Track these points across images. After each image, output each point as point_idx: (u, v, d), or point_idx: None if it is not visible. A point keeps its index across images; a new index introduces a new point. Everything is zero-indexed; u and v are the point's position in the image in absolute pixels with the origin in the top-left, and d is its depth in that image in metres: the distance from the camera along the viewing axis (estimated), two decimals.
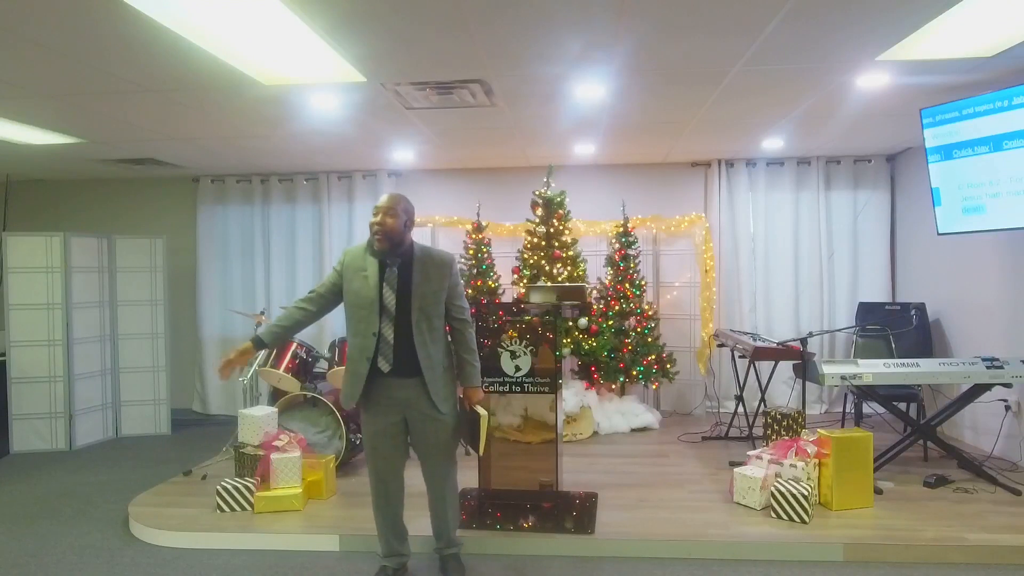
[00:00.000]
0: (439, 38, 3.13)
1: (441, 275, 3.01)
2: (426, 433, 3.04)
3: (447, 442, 3.08)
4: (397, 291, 2.94)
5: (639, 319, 5.98)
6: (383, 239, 2.93)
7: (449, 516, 3.19)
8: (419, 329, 2.93)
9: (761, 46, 3.28)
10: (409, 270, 2.97)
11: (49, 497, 4.51)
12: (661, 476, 4.55)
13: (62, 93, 3.87)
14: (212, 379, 6.93)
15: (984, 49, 3.41)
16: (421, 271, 2.98)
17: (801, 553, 3.40)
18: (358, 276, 2.99)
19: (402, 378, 2.96)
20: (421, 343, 2.94)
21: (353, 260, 3.04)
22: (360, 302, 2.96)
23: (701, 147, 5.87)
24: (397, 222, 2.94)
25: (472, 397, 3.08)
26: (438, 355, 3.00)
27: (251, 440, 4.23)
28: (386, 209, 2.95)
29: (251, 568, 3.40)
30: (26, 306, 5.69)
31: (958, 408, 4.38)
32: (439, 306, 3.01)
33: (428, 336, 2.96)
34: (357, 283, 2.98)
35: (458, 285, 3.10)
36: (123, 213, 7.10)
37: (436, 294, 2.99)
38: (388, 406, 3.00)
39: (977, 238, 4.86)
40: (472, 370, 3.09)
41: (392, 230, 2.93)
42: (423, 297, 2.95)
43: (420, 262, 3.00)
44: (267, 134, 5.04)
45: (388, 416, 3.01)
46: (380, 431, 3.04)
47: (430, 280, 2.98)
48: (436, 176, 6.70)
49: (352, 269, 3.02)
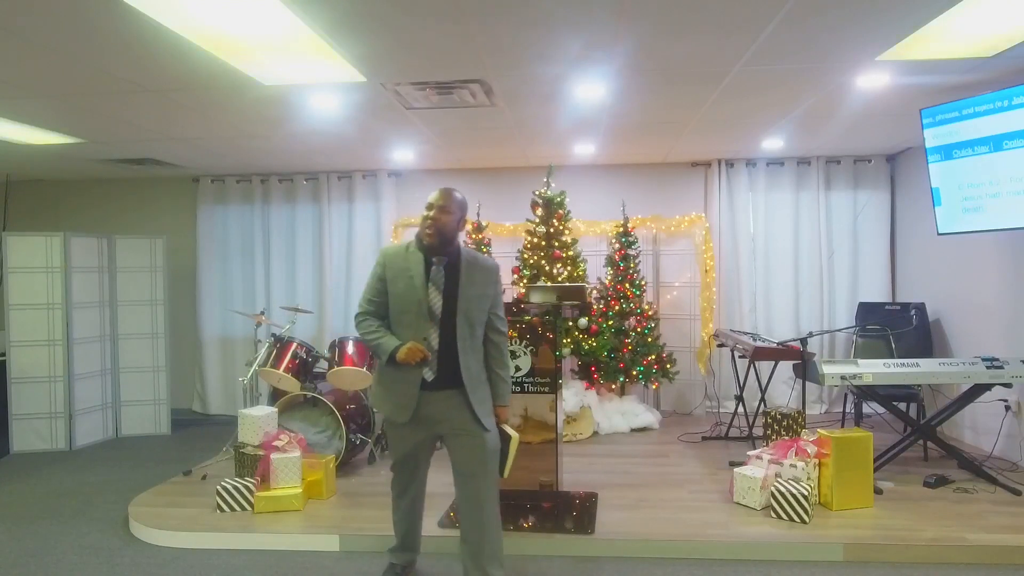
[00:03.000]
0: (439, 38, 3.13)
1: (487, 280, 2.85)
2: (471, 450, 2.78)
3: (493, 461, 2.83)
4: (444, 293, 2.76)
5: (639, 319, 5.98)
6: (434, 235, 2.75)
7: (488, 545, 2.80)
8: (462, 336, 2.76)
9: (761, 46, 3.28)
10: (456, 272, 2.79)
11: (49, 497, 4.51)
12: (661, 476, 4.55)
13: (62, 93, 3.87)
14: (212, 379, 6.94)
15: (984, 49, 3.41)
16: (468, 274, 2.80)
17: (801, 553, 3.40)
18: (402, 277, 2.79)
19: (437, 390, 2.76)
20: (463, 351, 2.76)
21: (394, 260, 2.83)
22: (406, 305, 2.77)
23: (701, 147, 5.87)
24: (452, 219, 2.76)
25: (503, 416, 2.92)
26: (477, 366, 2.83)
27: (251, 440, 4.23)
28: (441, 206, 2.76)
29: (251, 568, 3.40)
30: (26, 306, 5.69)
31: (958, 408, 4.38)
32: (483, 314, 2.84)
33: (470, 344, 2.79)
34: (402, 284, 2.78)
35: (500, 295, 2.94)
36: (123, 213, 7.10)
37: (481, 300, 2.82)
38: (420, 421, 2.80)
39: (977, 238, 4.86)
40: (506, 387, 2.92)
41: (446, 227, 2.76)
42: (468, 301, 2.77)
43: (467, 265, 2.82)
44: (267, 134, 5.04)
45: (419, 433, 2.83)
46: (411, 452, 2.88)
47: (475, 284, 2.81)
48: (436, 176, 6.70)
49: (395, 270, 2.81)
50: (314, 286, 6.82)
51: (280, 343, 4.82)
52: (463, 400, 2.76)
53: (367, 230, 6.79)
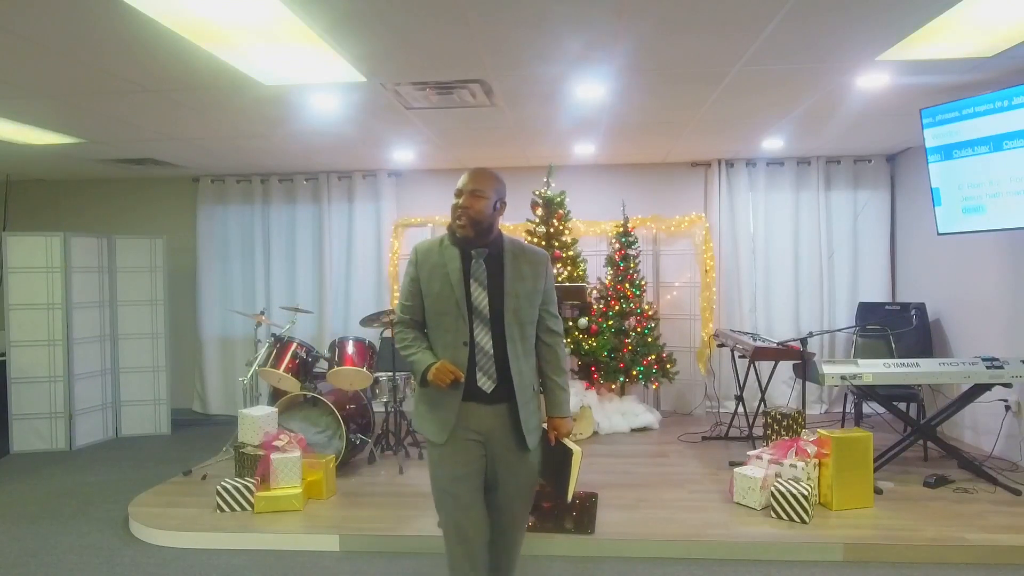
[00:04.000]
0: (439, 38, 3.13)
1: (536, 273, 2.45)
2: (511, 474, 2.42)
3: (531, 487, 2.50)
4: (488, 289, 2.38)
5: (639, 319, 5.98)
6: (467, 224, 2.35)
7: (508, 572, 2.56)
8: (512, 338, 2.37)
9: (761, 46, 3.28)
10: (499, 264, 2.41)
11: (49, 497, 4.51)
12: (661, 476, 4.55)
13: (62, 93, 3.87)
14: (212, 379, 6.93)
15: (984, 49, 3.41)
16: (513, 266, 2.42)
17: (801, 553, 3.40)
18: (438, 274, 2.40)
19: (488, 403, 2.38)
20: (514, 356, 2.38)
21: (428, 256, 2.45)
22: (443, 307, 2.38)
23: (701, 147, 5.87)
24: (486, 204, 2.37)
25: (561, 429, 2.49)
26: (529, 374, 2.44)
27: (251, 440, 4.23)
28: (472, 190, 2.37)
29: (251, 568, 3.40)
30: (26, 306, 5.69)
31: (958, 408, 4.38)
32: (533, 311, 2.45)
33: (521, 348, 2.40)
34: (438, 284, 2.39)
35: (552, 289, 2.53)
36: (123, 213, 7.10)
37: (531, 296, 2.43)
38: (470, 439, 2.37)
39: (977, 238, 4.86)
40: (563, 396, 2.51)
41: (480, 214, 2.36)
42: (517, 298, 2.39)
43: (511, 255, 2.43)
44: (267, 134, 5.04)
45: (470, 452, 2.37)
46: (462, 475, 2.36)
47: (524, 278, 2.42)
48: (436, 176, 6.70)
49: (429, 267, 2.43)
50: (314, 286, 6.82)
51: (280, 343, 4.82)
52: (511, 414, 2.38)
53: (367, 230, 6.79)
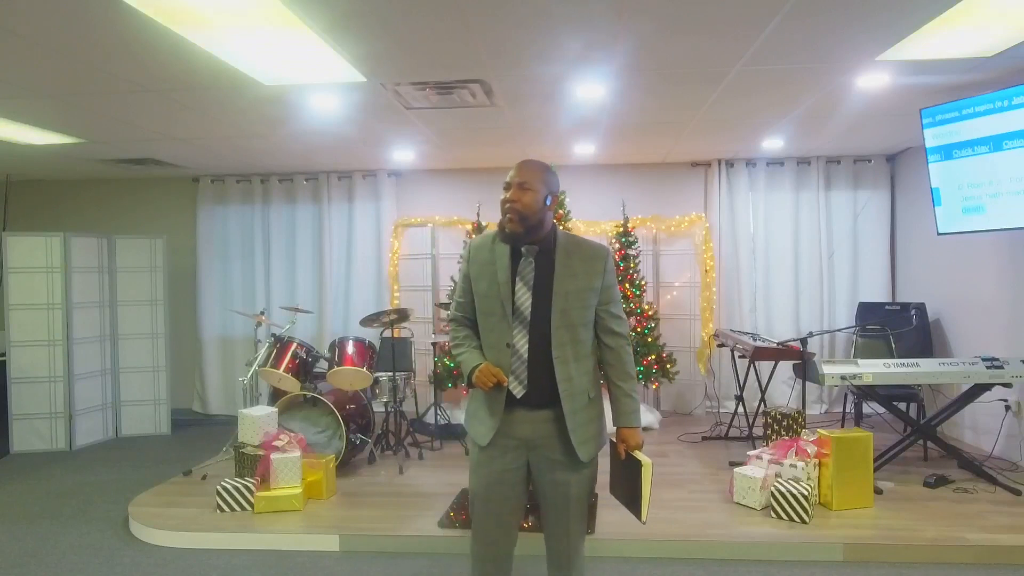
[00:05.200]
0: (439, 38, 3.13)
1: (591, 271, 2.30)
2: (556, 487, 2.31)
3: (581, 501, 2.36)
4: (533, 289, 2.27)
5: (639, 319, 5.97)
6: (516, 220, 2.23)
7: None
8: (559, 341, 2.26)
9: (761, 46, 3.28)
10: (550, 262, 2.29)
11: (49, 497, 4.51)
12: (661, 476, 4.54)
13: (62, 93, 3.87)
14: (212, 379, 6.93)
15: (984, 49, 3.41)
16: (565, 264, 2.29)
17: (801, 553, 3.40)
18: (486, 272, 2.32)
19: (531, 408, 2.28)
20: (561, 360, 2.26)
21: (479, 253, 2.36)
22: (489, 306, 2.31)
23: (701, 147, 5.87)
24: (535, 198, 2.23)
25: (631, 440, 2.37)
26: (582, 379, 2.31)
27: (251, 440, 4.22)
28: (520, 183, 2.25)
29: (251, 568, 3.40)
30: (26, 306, 5.69)
31: (958, 408, 4.38)
32: (587, 312, 2.30)
33: (571, 351, 2.28)
34: (485, 283, 2.32)
35: (614, 287, 2.39)
36: (123, 213, 7.10)
37: (583, 295, 2.29)
38: (509, 446, 2.29)
39: (977, 238, 4.86)
40: (631, 404, 2.39)
41: (528, 208, 2.23)
42: (566, 298, 2.26)
43: (564, 252, 2.31)
44: (267, 134, 5.04)
45: (507, 458, 2.29)
46: (496, 480, 2.30)
47: (576, 276, 2.29)
48: (436, 176, 6.70)
49: (479, 265, 2.35)
50: (314, 286, 6.82)
51: (280, 343, 4.82)
52: (558, 422, 2.27)
53: (367, 230, 6.79)
